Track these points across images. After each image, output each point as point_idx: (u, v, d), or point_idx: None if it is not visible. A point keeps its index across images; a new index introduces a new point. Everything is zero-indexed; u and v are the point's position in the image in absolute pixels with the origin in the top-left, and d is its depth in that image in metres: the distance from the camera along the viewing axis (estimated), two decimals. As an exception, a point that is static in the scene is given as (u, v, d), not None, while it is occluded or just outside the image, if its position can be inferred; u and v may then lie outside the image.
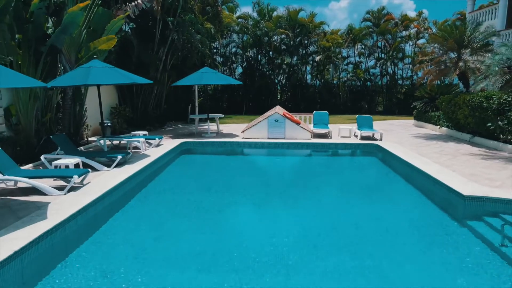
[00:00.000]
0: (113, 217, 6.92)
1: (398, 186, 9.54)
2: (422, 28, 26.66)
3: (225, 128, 17.83)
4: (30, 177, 7.30)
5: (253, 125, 14.42)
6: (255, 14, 27.96)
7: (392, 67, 28.70)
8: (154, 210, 7.60)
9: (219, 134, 15.74)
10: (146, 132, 14.07)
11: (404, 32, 27.69)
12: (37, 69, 10.40)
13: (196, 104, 18.86)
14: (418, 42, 27.90)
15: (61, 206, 6.45)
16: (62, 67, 11.62)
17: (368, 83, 29.33)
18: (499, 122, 12.04)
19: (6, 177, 7.13)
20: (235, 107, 27.53)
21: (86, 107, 12.80)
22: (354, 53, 29.15)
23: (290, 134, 14.08)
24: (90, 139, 13.70)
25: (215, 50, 28.09)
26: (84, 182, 7.98)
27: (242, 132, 14.66)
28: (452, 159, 10.82)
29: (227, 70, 28.67)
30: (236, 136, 15.08)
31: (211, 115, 16.16)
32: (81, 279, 4.73)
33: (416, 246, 5.99)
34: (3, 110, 10.02)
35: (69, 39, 10.96)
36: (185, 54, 19.08)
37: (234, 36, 28.33)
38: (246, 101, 28.23)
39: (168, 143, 13.24)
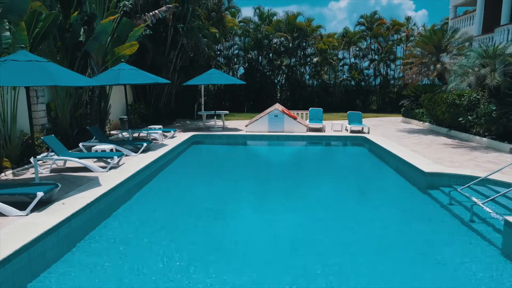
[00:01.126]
0: (146, 186, 8.94)
1: (379, 167, 11.49)
2: (411, 33, 28.44)
3: (229, 124, 19.63)
4: (79, 158, 9.13)
5: (255, 120, 16.26)
6: (256, 19, 29.77)
7: (385, 68, 30.53)
8: (175, 183, 9.61)
9: (224, 128, 17.56)
10: (161, 126, 15.89)
11: (395, 36, 29.53)
12: (73, 71, 12.19)
13: (203, 102, 20.67)
14: (409, 44, 29.69)
15: (108, 179, 8.28)
16: (90, 69, 13.42)
17: (363, 83, 31.11)
18: (469, 117, 13.87)
19: (61, 157, 8.96)
20: (237, 105, 29.28)
21: (110, 104, 14.62)
22: (349, 55, 30.98)
23: (288, 128, 15.91)
24: (112, 132, 15.51)
25: (218, 52, 29.89)
26: (119, 163, 9.82)
27: (246, 126, 16.49)
28: (427, 148, 12.65)
29: (230, 71, 30.46)
30: (240, 130, 16.91)
31: (217, 112, 18.01)
32: (129, 222, 6.73)
33: (386, 205, 8.05)
34: (45, 106, 11.82)
35: (97, 45, 12.76)
36: (193, 57, 20.89)
37: (236, 38, 30.09)
38: (247, 100, 29.99)
39: (181, 136, 15.06)
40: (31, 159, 8.90)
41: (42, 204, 6.42)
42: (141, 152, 11.20)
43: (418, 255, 5.63)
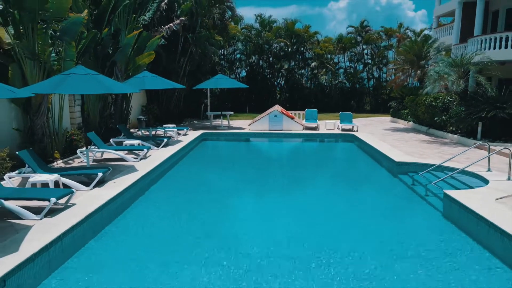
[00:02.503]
0: (169, 173, 11.13)
1: (362, 158, 13.75)
2: (402, 37, 30.53)
3: (233, 123, 21.73)
4: (115, 150, 11.24)
5: (257, 120, 18.38)
6: (257, 25, 31.94)
7: (378, 71, 32.67)
8: (192, 170, 11.92)
9: (229, 127, 19.67)
10: (174, 125, 18.00)
11: (386, 42, 31.69)
12: (102, 77, 14.31)
13: (208, 104, 22.82)
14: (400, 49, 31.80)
15: (142, 167, 10.37)
16: (115, 76, 15.52)
17: (357, 85, 33.23)
18: (443, 117, 15.99)
19: (102, 149, 11.07)
20: (239, 106, 31.33)
21: (131, 106, 16.73)
22: (344, 59, 33.12)
23: (286, 126, 18.03)
24: (131, 130, 17.60)
25: (222, 57, 32.01)
26: (146, 155, 11.92)
27: (249, 125, 18.62)
28: (405, 143, 14.75)
29: (232, 74, 32.58)
30: (243, 128, 19.03)
31: (223, 112, 20.15)
32: (161, 198, 8.99)
33: (365, 185, 10.43)
34: (80, 107, 13.92)
35: (122, 55, 14.87)
36: (199, 62, 23.01)
37: (239, 44, 32.23)
38: (249, 101, 32.11)
39: (192, 133, 17.17)
40: (78, 151, 11.05)
41: (98, 183, 8.51)
42: (162, 146, 13.30)
43: (384, 216, 7.82)
